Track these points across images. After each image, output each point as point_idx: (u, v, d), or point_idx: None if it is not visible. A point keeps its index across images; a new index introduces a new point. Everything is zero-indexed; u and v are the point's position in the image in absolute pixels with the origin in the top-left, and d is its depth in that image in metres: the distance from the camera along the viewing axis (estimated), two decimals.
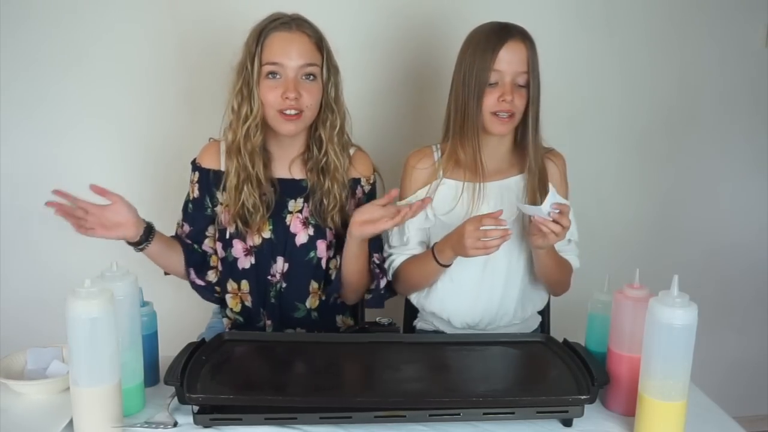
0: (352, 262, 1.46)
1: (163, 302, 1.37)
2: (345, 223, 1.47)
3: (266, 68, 1.39)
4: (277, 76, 1.40)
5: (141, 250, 1.45)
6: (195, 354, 1.24)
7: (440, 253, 1.45)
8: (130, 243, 1.43)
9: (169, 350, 1.28)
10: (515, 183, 1.52)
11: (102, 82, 1.89)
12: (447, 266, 1.47)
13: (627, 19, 2.08)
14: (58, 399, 1.22)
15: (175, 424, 1.15)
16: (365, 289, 1.54)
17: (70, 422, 1.14)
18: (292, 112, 1.40)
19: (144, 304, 1.28)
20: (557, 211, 1.30)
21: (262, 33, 1.40)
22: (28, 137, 1.90)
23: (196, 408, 1.15)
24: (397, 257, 1.55)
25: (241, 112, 1.42)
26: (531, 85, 1.43)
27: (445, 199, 1.51)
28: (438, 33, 1.95)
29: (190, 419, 1.15)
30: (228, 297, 1.54)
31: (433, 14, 1.96)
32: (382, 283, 1.52)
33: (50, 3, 1.82)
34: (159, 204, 1.92)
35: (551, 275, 1.53)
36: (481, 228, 1.32)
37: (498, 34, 1.42)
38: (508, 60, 1.41)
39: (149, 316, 1.29)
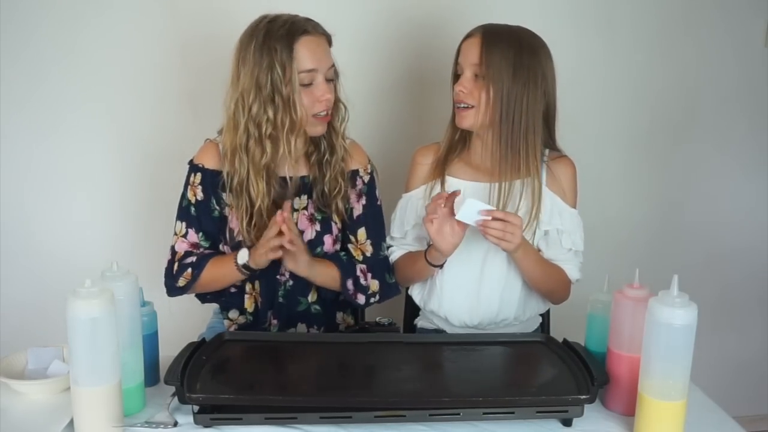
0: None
1: (163, 302, 1.37)
2: (348, 211, 1.53)
3: (303, 76, 1.39)
4: (311, 82, 1.41)
5: (247, 274, 1.45)
6: (195, 354, 1.24)
7: (429, 252, 1.47)
8: (249, 267, 1.42)
9: (169, 350, 1.28)
10: (517, 186, 1.52)
11: (103, 82, 1.89)
12: (435, 266, 1.48)
13: (627, 19, 2.08)
14: (58, 399, 1.22)
15: (175, 424, 1.15)
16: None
17: (71, 422, 1.14)
18: (324, 113, 1.43)
19: (144, 304, 1.28)
20: (487, 218, 1.34)
21: (287, 41, 1.37)
22: (28, 138, 1.90)
23: (196, 408, 1.15)
24: (396, 250, 1.58)
25: (281, 123, 1.39)
26: (488, 77, 1.42)
27: None
28: (440, 34, 1.95)
29: (190, 419, 1.15)
30: (245, 297, 1.54)
31: (435, 16, 1.97)
32: (360, 299, 1.51)
33: (51, 3, 1.82)
34: (158, 204, 1.93)
35: (537, 283, 1.52)
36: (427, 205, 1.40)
37: (469, 31, 1.48)
38: (464, 53, 1.47)
39: (149, 316, 1.29)
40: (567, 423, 1.18)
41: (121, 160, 1.95)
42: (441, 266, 1.49)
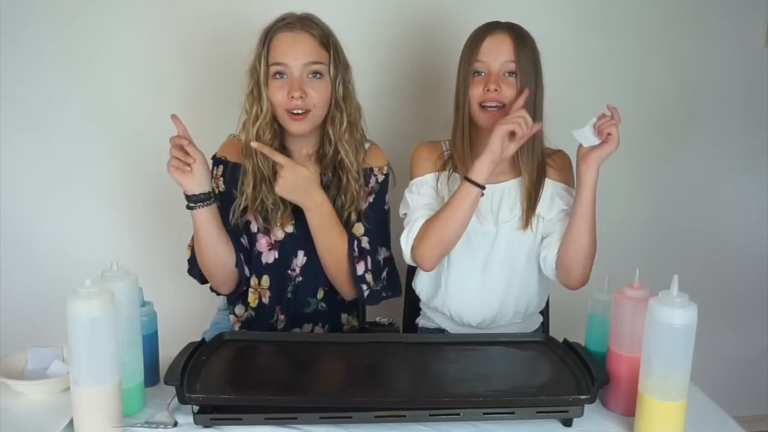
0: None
1: (163, 302, 1.37)
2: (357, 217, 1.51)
3: (273, 68, 1.42)
4: (284, 76, 1.42)
5: (192, 208, 1.39)
6: (195, 354, 1.24)
7: (472, 172, 1.39)
8: (188, 198, 1.39)
9: (169, 350, 1.28)
10: (517, 185, 1.52)
11: (103, 82, 1.89)
12: (477, 185, 1.39)
13: (626, 18, 2.08)
14: (58, 399, 1.22)
15: (175, 424, 1.15)
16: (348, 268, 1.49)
17: (71, 422, 1.14)
18: (299, 111, 1.42)
19: (144, 304, 1.28)
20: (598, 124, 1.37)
21: (268, 35, 1.43)
22: (29, 137, 1.90)
23: (196, 408, 1.15)
24: (416, 221, 1.48)
25: (251, 113, 1.44)
26: (520, 75, 1.42)
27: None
28: (442, 33, 1.95)
29: (190, 419, 1.15)
30: (249, 291, 1.54)
31: (438, 15, 1.97)
32: (359, 269, 1.48)
33: (52, 4, 1.82)
34: (159, 204, 1.93)
35: (590, 230, 1.45)
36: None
37: (484, 28, 1.46)
38: (492, 50, 1.43)
39: (149, 316, 1.29)
40: (567, 423, 1.18)
41: (121, 160, 1.95)
42: (483, 190, 1.40)
